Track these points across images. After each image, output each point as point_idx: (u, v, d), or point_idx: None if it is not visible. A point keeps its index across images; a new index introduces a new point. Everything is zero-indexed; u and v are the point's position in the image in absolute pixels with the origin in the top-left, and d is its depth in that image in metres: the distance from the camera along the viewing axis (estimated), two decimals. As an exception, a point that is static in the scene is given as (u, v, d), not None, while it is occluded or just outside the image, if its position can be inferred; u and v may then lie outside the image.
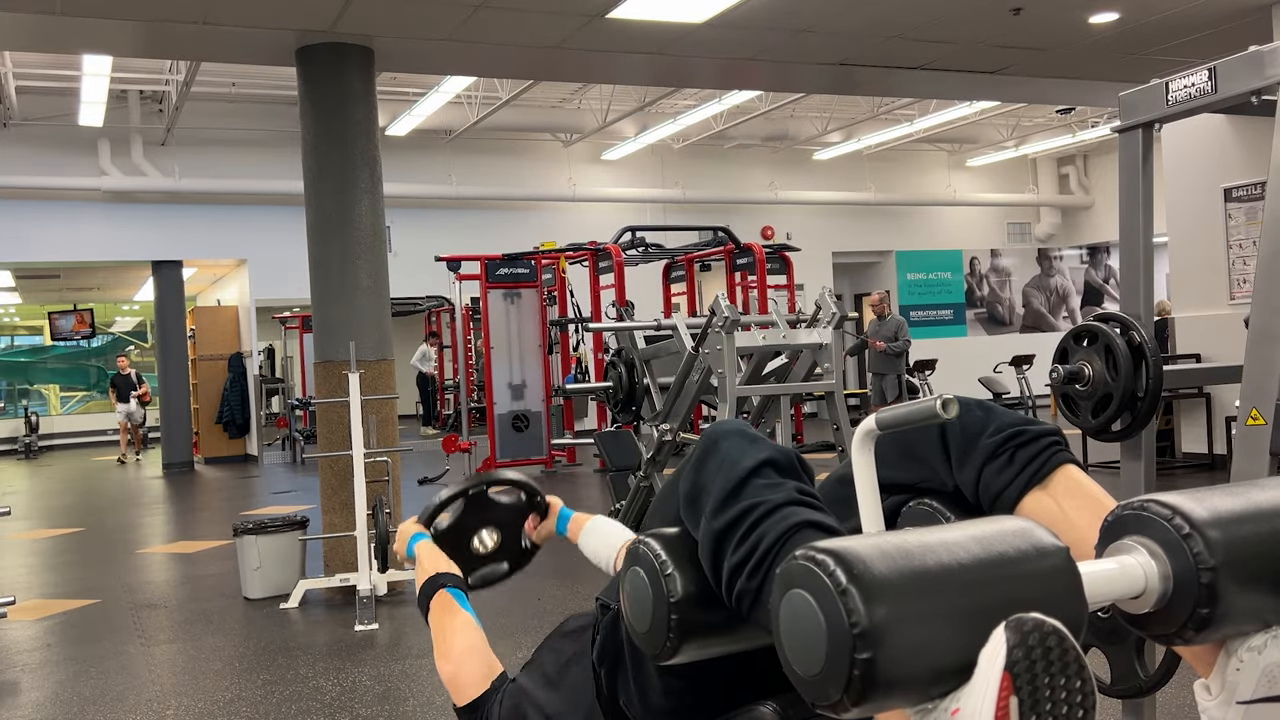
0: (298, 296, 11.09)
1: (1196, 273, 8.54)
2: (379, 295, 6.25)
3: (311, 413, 13.11)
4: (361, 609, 5.27)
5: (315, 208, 6.22)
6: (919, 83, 8.33)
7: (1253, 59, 2.32)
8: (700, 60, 7.39)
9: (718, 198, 16.37)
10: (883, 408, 1.04)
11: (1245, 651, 0.90)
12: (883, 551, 0.82)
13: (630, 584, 1.26)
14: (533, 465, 11.36)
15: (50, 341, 19.55)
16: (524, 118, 14.11)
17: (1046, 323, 18.90)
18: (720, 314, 5.55)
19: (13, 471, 15.53)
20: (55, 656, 4.96)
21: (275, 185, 13.28)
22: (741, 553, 1.16)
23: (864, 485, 1.07)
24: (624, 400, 6.97)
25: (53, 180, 12.78)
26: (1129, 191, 2.61)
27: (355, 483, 5.62)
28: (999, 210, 18.93)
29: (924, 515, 1.29)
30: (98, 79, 10.72)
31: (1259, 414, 2.30)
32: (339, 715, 3.94)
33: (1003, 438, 1.25)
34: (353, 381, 5.66)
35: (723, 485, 1.22)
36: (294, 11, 5.77)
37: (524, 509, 2.00)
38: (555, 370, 11.96)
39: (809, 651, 0.82)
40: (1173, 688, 2.25)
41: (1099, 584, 0.88)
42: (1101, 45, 7.38)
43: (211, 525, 8.83)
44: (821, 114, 15.42)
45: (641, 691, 1.38)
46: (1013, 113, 15.95)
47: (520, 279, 11.47)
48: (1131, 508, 0.92)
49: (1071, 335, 2.59)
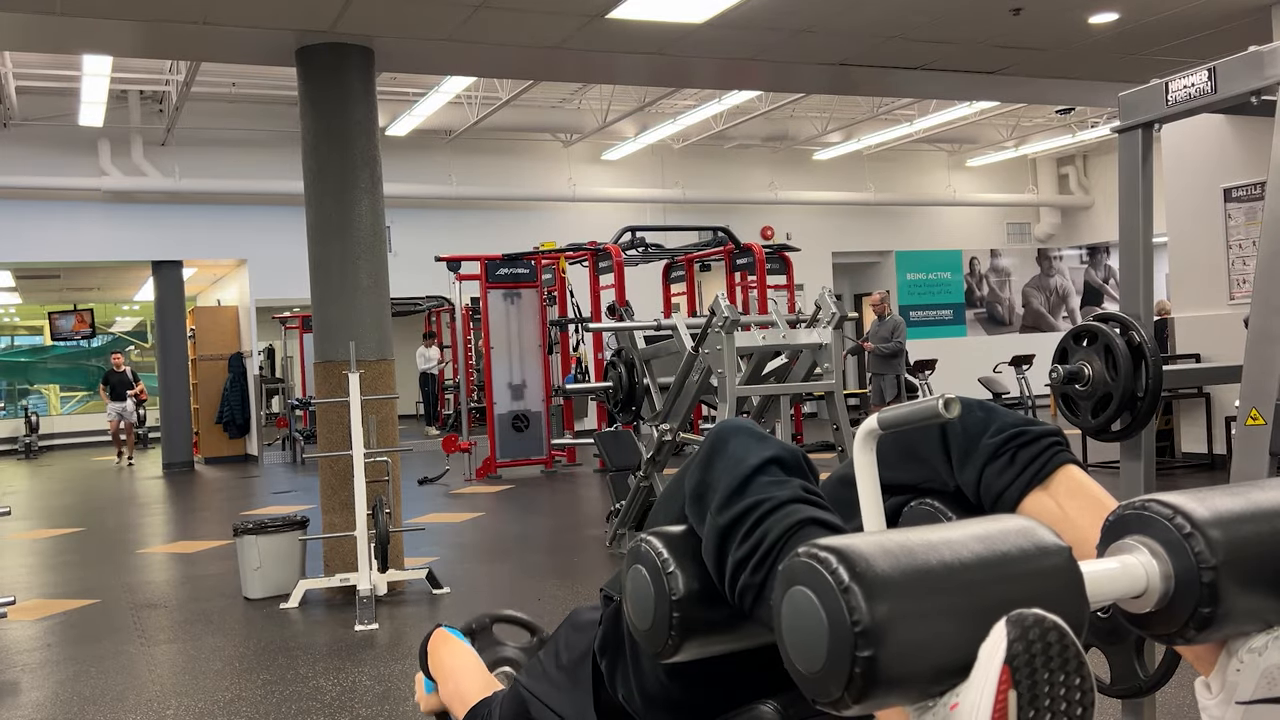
0: (298, 296, 11.09)
1: (1196, 273, 8.55)
2: (379, 295, 6.25)
3: (311, 413, 13.12)
4: (361, 609, 5.28)
5: (315, 208, 6.23)
6: (919, 83, 8.34)
7: (1252, 59, 2.32)
8: (700, 60, 7.39)
9: (718, 198, 16.37)
10: (883, 407, 1.04)
11: (1246, 653, 0.90)
12: (885, 549, 0.82)
13: (632, 581, 1.26)
14: (533, 465, 11.38)
15: (50, 341, 19.54)
16: (524, 118, 14.12)
17: (1046, 323, 18.91)
18: (720, 314, 5.55)
19: (13, 471, 15.53)
20: (55, 656, 4.96)
21: (275, 185, 13.29)
22: (746, 548, 1.17)
23: (865, 485, 1.07)
24: (624, 400, 6.98)
25: (53, 180, 12.78)
26: (1129, 191, 2.61)
27: (355, 483, 5.62)
28: (999, 210, 18.93)
29: (925, 515, 1.30)
30: (98, 79, 10.72)
31: (1259, 414, 2.30)
32: (339, 715, 3.94)
33: (1004, 438, 1.25)
34: (353, 381, 5.66)
35: (729, 482, 1.22)
36: (294, 11, 5.77)
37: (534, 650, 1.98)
38: (555, 370, 11.96)
39: (811, 648, 0.82)
40: (1173, 688, 2.26)
41: (1100, 583, 0.89)
42: (1101, 45, 7.38)
43: (211, 525, 8.83)
44: (821, 114, 15.42)
45: (641, 688, 1.38)
46: (1013, 113, 15.96)
47: (520, 279, 11.47)
48: (1133, 507, 0.93)
49: (1071, 335, 2.59)
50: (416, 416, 21.92)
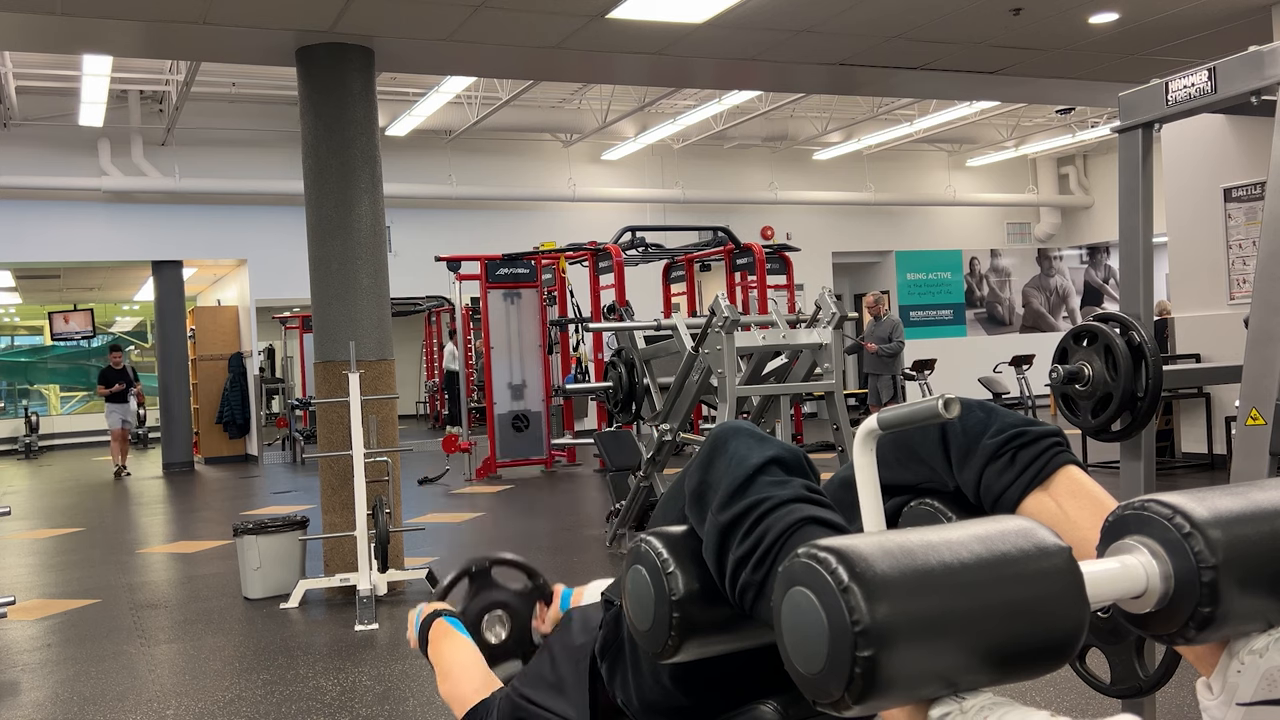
0: (298, 296, 11.10)
1: (1196, 273, 8.55)
2: (379, 295, 6.25)
3: (311, 413, 13.12)
4: (361, 609, 5.28)
5: (315, 208, 6.23)
6: (919, 83, 8.34)
7: (1253, 59, 2.32)
8: (700, 60, 7.39)
9: (718, 198, 16.37)
10: (883, 407, 1.04)
11: (1247, 654, 0.90)
12: (885, 550, 0.82)
13: (632, 582, 1.26)
14: (533, 465, 11.38)
15: (50, 341, 19.54)
16: (524, 118, 14.12)
17: (1046, 323, 18.90)
18: (720, 314, 5.55)
19: (13, 471, 15.53)
20: (55, 656, 4.96)
21: (275, 185, 13.29)
22: (746, 546, 1.17)
23: (865, 484, 1.08)
24: (624, 400, 6.98)
25: (53, 180, 12.78)
26: (1129, 191, 2.61)
27: (355, 483, 5.62)
28: (999, 210, 18.93)
29: (925, 515, 1.30)
30: (98, 79, 10.72)
31: (1259, 414, 2.30)
32: (339, 715, 3.94)
33: (1004, 439, 1.25)
34: (353, 381, 5.66)
35: (730, 481, 1.22)
36: (294, 11, 5.77)
37: (530, 595, 2.02)
38: (555, 370, 11.96)
39: (811, 649, 0.82)
40: (1173, 688, 2.26)
41: (1100, 583, 0.89)
42: (1101, 45, 7.38)
43: (211, 525, 8.83)
44: (821, 114, 15.42)
45: (640, 691, 1.38)
46: (1013, 113, 15.96)
47: (520, 279, 11.47)
48: (1133, 508, 0.93)
49: (1071, 335, 2.59)
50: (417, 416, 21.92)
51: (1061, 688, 3.69)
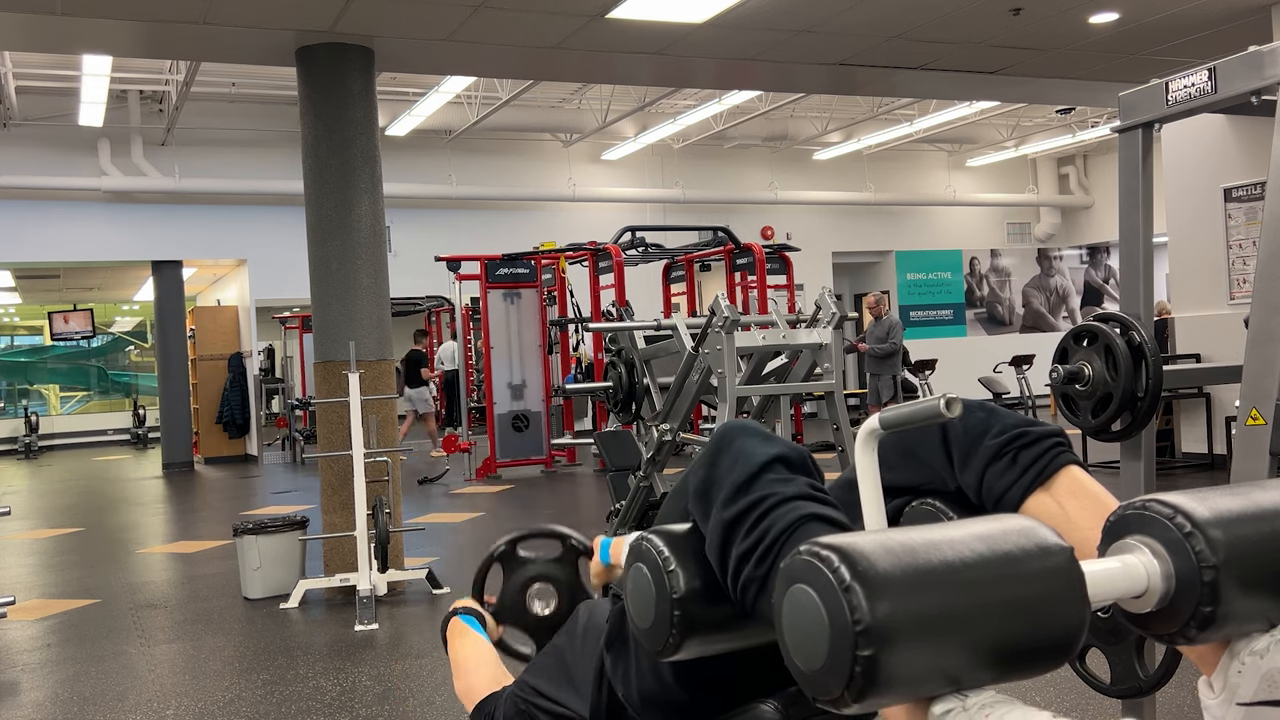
0: (298, 296, 11.09)
1: (1196, 273, 8.55)
2: (379, 295, 6.25)
3: (311, 413, 13.11)
4: (361, 609, 5.28)
5: (315, 208, 6.23)
6: (919, 83, 8.34)
7: (1253, 59, 2.32)
8: (700, 60, 7.39)
9: (718, 198, 16.37)
10: (884, 407, 1.04)
11: (1248, 655, 0.90)
12: (886, 548, 0.82)
13: (633, 580, 1.27)
14: (533, 465, 11.38)
15: (50, 341, 19.54)
16: (524, 118, 14.12)
17: (1046, 323, 18.90)
18: (720, 314, 5.55)
19: (13, 471, 15.53)
20: (55, 656, 4.96)
21: (275, 185, 13.29)
22: (749, 541, 1.17)
23: (867, 484, 1.08)
24: (624, 400, 6.97)
25: (53, 180, 12.78)
26: (1129, 191, 2.61)
27: (355, 483, 5.62)
28: (999, 210, 18.93)
29: (927, 515, 1.30)
30: (98, 79, 10.72)
31: (1259, 414, 2.30)
32: (339, 715, 3.94)
33: (1006, 439, 1.25)
34: (353, 381, 5.66)
35: (735, 478, 1.23)
36: (294, 11, 5.77)
37: (567, 557, 1.97)
38: (555, 370, 11.96)
39: (811, 646, 0.82)
40: (1173, 688, 2.26)
41: (1101, 583, 0.89)
42: (1101, 45, 7.38)
43: (211, 525, 8.83)
44: (821, 114, 15.42)
45: (640, 686, 1.38)
46: (1013, 113, 15.96)
47: (520, 279, 11.47)
48: (1134, 507, 0.93)
49: (1071, 335, 2.59)
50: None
51: (1061, 688, 3.69)
